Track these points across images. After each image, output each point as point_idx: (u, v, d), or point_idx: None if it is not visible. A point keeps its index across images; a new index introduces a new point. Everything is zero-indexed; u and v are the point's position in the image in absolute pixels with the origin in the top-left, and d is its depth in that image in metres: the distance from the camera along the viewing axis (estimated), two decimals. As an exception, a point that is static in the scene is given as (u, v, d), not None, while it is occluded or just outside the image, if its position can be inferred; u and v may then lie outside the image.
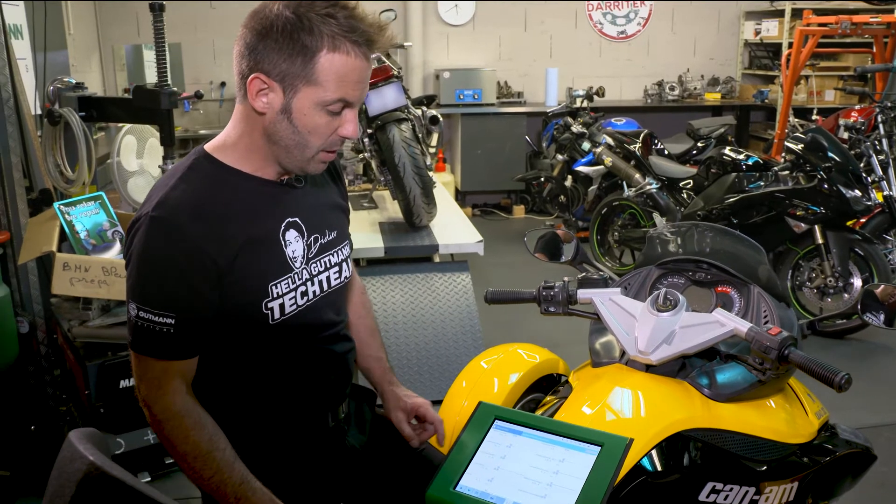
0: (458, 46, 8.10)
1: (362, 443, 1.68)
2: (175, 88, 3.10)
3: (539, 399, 2.15)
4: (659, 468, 1.62)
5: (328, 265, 1.56)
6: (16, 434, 3.28)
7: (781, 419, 1.75)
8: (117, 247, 3.13)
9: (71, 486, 0.80)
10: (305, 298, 1.50)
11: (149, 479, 3.10)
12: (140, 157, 4.12)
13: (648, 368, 1.72)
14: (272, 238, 1.45)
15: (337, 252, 1.59)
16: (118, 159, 4.01)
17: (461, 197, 8.12)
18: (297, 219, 1.49)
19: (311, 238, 1.52)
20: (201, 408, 1.41)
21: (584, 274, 1.96)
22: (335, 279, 1.58)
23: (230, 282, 1.39)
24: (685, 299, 1.73)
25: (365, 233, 4.35)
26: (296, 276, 1.48)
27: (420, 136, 4.69)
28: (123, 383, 2.99)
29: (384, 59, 4.48)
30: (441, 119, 4.79)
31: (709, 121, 6.51)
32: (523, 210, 8.05)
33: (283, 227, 1.47)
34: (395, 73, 4.31)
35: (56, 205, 2.98)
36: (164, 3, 3.06)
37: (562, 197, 6.77)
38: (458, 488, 1.40)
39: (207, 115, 7.75)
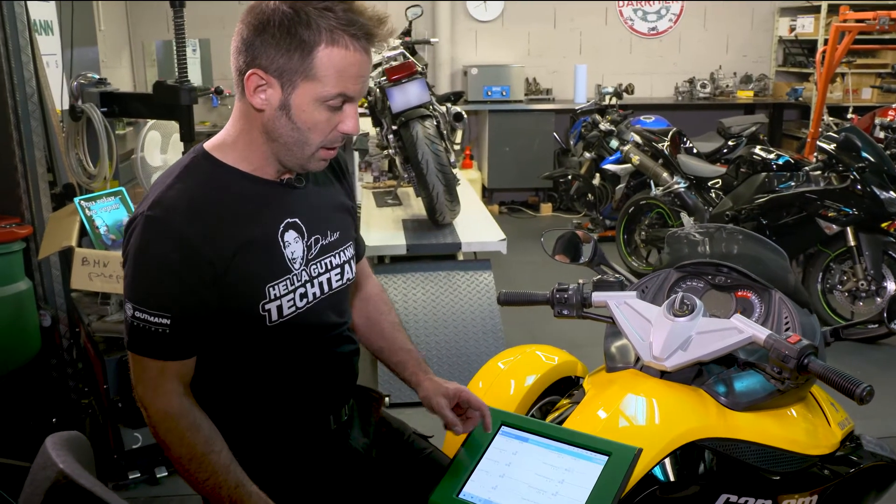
0: (487, 43, 8.05)
1: (366, 445, 1.65)
2: (195, 84, 3.10)
3: (555, 402, 2.11)
4: (671, 478, 1.57)
5: (329, 267, 1.52)
6: (37, 426, 3.30)
7: (801, 429, 1.69)
8: (137, 242, 3.13)
9: (39, 495, 0.78)
10: (305, 300, 1.47)
11: (165, 473, 3.11)
12: (164, 153, 4.14)
13: (663, 375, 1.68)
14: (270, 239, 1.42)
15: (339, 253, 1.55)
16: (142, 154, 4.03)
17: (488, 194, 8.08)
18: (296, 219, 1.46)
19: (312, 239, 1.49)
20: (199, 409, 1.39)
21: (599, 276, 1.92)
22: (337, 281, 1.54)
23: (226, 283, 1.37)
24: (702, 304, 1.68)
25: (388, 230, 4.33)
26: (294, 277, 1.45)
27: (444, 132, 4.65)
28: (141, 378, 3.00)
29: (408, 55, 4.45)
30: (465, 116, 4.75)
31: (740, 119, 6.40)
32: (551, 208, 7.98)
33: (281, 228, 1.44)
34: (420, 69, 4.27)
35: (76, 200, 2.99)
36: (188, -1, 3.06)
37: (589, 195, 6.70)
38: (461, 495, 1.38)
39: (236, 111, 7.78)
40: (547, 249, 2.25)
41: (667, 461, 1.58)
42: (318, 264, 1.50)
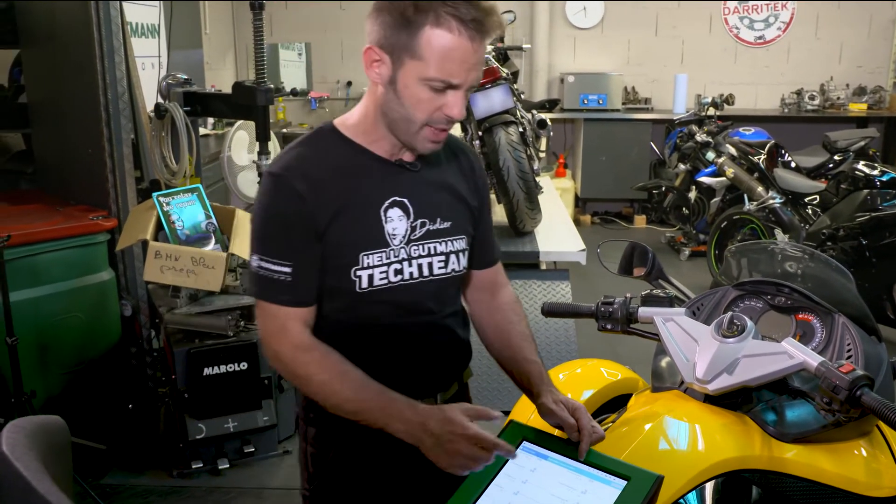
0: (585, 50, 7.93)
1: None
2: (272, 86, 3.16)
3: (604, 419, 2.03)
4: (708, 509, 1.48)
5: (433, 252, 1.54)
6: (114, 411, 3.44)
7: (860, 467, 1.56)
8: (211, 238, 3.22)
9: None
10: (399, 277, 1.50)
11: (227, 465, 3.18)
12: (251, 153, 4.25)
13: (707, 398, 1.57)
14: (371, 211, 1.48)
15: (447, 242, 1.56)
16: (229, 154, 4.15)
17: (581, 204, 7.95)
18: (404, 199, 1.50)
19: (418, 221, 1.52)
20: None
21: (647, 291, 1.83)
22: (439, 268, 1.55)
23: (327, 241, 1.45)
24: (754, 325, 1.57)
25: (467, 236, 4.30)
26: (391, 252, 1.49)
27: (529, 139, 4.59)
28: (207, 371, 3.08)
29: (493, 60, 4.42)
30: (549, 123, 4.67)
31: (848, 133, 6.04)
32: (644, 220, 7.78)
33: (386, 204, 1.49)
34: (504, 75, 4.24)
35: (154, 195, 3.10)
36: (286, 3, 3.11)
37: (684, 208, 6.49)
38: (473, 510, 1.32)
39: (333, 114, 7.87)
40: (603, 261, 2.18)
41: (707, 490, 1.49)
42: (420, 246, 1.52)
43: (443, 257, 1.55)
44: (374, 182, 1.49)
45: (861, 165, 4.59)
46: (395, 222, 1.49)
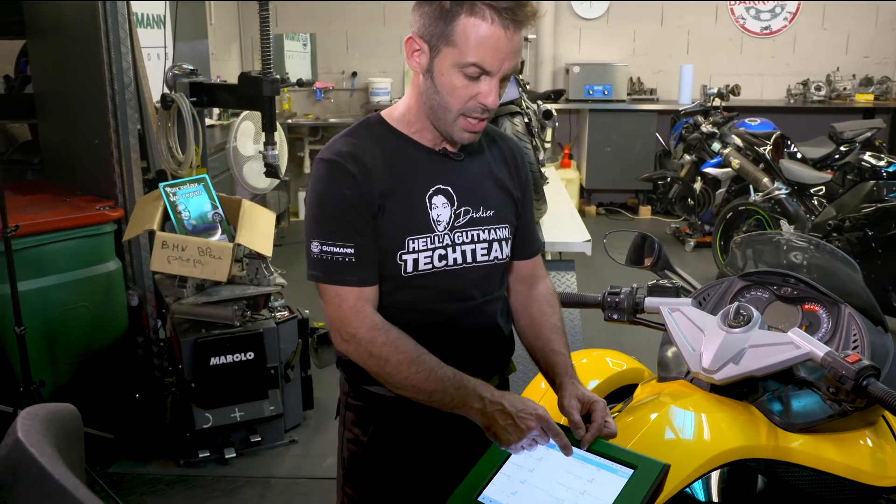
0: (591, 41, 7.90)
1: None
2: (278, 76, 3.16)
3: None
4: (714, 498, 1.49)
5: (475, 239, 1.57)
6: (121, 400, 3.46)
7: (866, 457, 1.56)
8: (217, 229, 3.23)
9: (1, 459, 0.80)
10: (444, 262, 1.53)
11: (234, 454, 3.20)
12: (257, 143, 4.25)
13: (713, 388, 1.58)
14: (417, 197, 1.52)
15: (490, 230, 1.59)
16: (235, 144, 4.14)
17: (586, 194, 7.94)
18: (448, 187, 1.54)
19: (462, 209, 1.55)
20: None
21: (654, 281, 1.83)
22: (482, 255, 1.58)
23: (379, 224, 1.49)
24: (760, 315, 1.58)
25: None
26: (436, 237, 1.52)
27: (535, 130, 4.58)
28: (214, 360, 3.09)
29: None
30: (555, 114, 4.66)
31: (854, 123, 6.01)
32: (650, 211, 7.77)
33: (431, 191, 1.53)
34: (509, 65, 4.22)
35: (161, 186, 3.10)
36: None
37: (689, 199, 6.48)
38: (480, 498, 1.33)
39: (338, 105, 7.94)
40: (609, 251, 2.19)
41: (713, 479, 1.49)
42: (464, 233, 1.56)
43: (486, 245, 1.58)
44: (418, 170, 1.53)
45: (867, 156, 4.57)
46: (440, 209, 1.53)
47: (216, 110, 6.37)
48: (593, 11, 7.82)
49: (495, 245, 1.60)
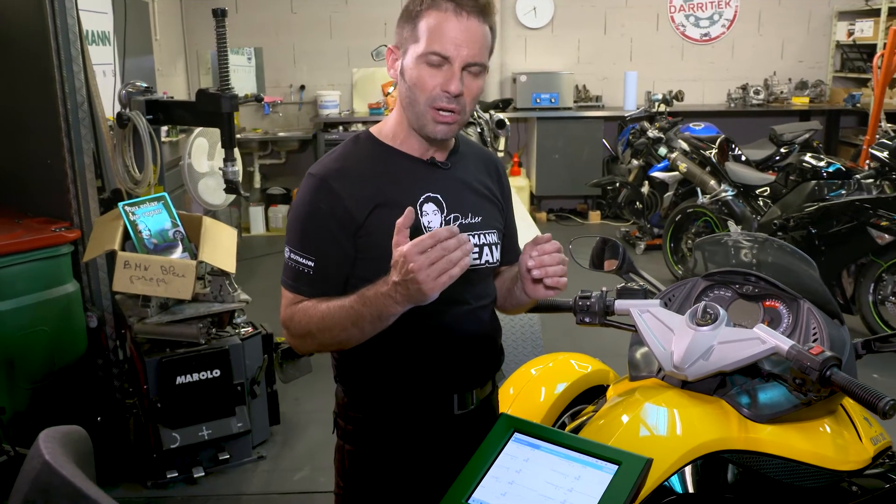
0: (536, 50, 8.03)
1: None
2: (236, 92, 3.16)
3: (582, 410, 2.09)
4: (690, 490, 1.54)
5: None
6: (82, 424, 3.38)
7: (829, 443, 1.64)
8: (178, 247, 3.21)
9: (27, 484, 0.81)
10: None
11: (202, 473, 3.17)
12: (211, 159, 4.23)
13: (685, 385, 1.65)
14: (408, 205, 1.50)
15: (479, 235, 1.64)
16: (189, 161, 4.13)
17: (537, 202, 8.04)
18: (437, 195, 1.60)
19: (451, 216, 1.61)
20: None
21: (622, 284, 1.90)
22: (473, 259, 1.61)
23: (364, 234, 1.54)
24: (726, 313, 1.64)
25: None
26: None
27: (488, 139, 4.65)
28: (180, 379, 3.07)
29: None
30: (508, 123, 4.74)
31: (793, 126, 6.25)
32: (599, 216, 7.91)
33: (421, 199, 1.58)
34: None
35: (120, 205, 3.07)
36: (236, 7, 3.12)
37: (637, 203, 6.62)
38: (470, 501, 1.37)
39: (287, 118, 7.91)
40: (575, 257, 2.24)
41: (687, 473, 1.55)
42: None
43: (476, 249, 1.63)
44: (408, 180, 1.59)
45: (808, 157, 4.76)
46: (431, 216, 1.59)
47: (164, 127, 6.30)
48: (538, 21, 7.95)
49: (486, 249, 1.66)
